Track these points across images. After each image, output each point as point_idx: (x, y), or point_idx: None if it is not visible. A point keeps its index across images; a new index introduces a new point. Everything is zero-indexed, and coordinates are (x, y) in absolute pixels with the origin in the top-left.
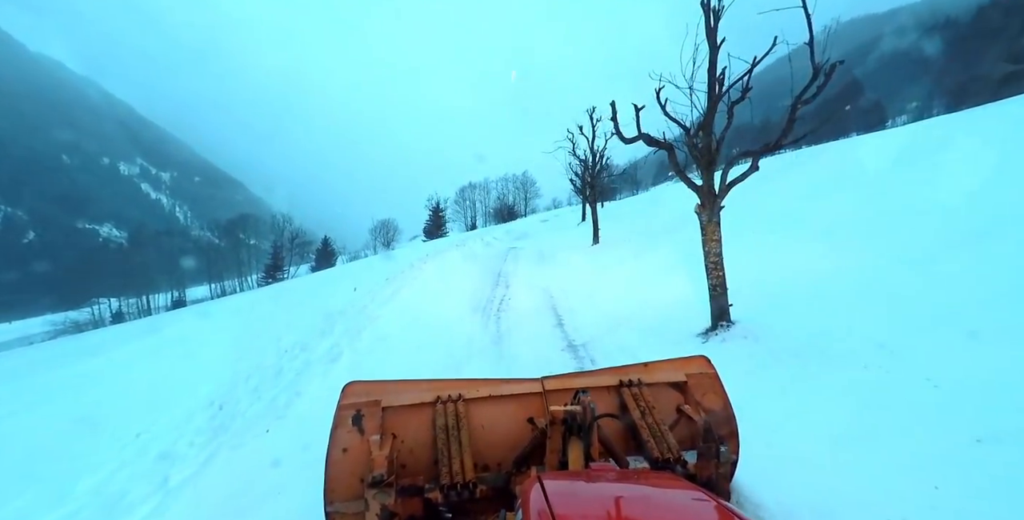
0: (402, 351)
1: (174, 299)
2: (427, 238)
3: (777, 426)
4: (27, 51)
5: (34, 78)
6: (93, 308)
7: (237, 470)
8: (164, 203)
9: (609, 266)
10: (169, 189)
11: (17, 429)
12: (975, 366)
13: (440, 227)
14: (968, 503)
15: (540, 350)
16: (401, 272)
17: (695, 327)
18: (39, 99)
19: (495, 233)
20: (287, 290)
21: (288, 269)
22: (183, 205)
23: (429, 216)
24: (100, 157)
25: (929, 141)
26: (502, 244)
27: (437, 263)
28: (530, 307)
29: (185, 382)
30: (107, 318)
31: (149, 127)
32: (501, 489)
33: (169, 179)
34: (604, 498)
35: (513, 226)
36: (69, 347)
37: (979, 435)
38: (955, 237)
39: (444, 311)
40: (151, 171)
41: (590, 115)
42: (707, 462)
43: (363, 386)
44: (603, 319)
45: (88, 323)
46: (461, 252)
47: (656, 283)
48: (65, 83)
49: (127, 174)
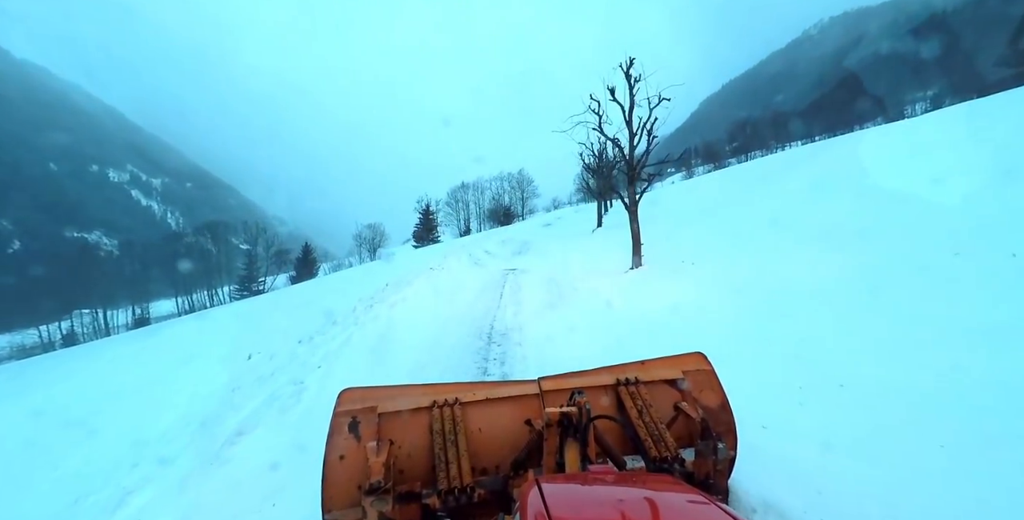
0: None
1: (136, 317)
2: (417, 244)
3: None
4: (11, 57)
5: (19, 85)
6: (40, 329)
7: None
8: (155, 210)
9: (694, 324)
10: (160, 195)
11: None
12: None
13: (431, 231)
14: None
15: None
16: (314, 336)
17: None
18: (25, 106)
19: (489, 242)
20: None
21: (264, 280)
22: (175, 211)
23: (419, 219)
24: (89, 164)
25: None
26: (497, 262)
27: (386, 310)
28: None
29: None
30: (57, 340)
31: (139, 133)
32: (499, 493)
33: (160, 185)
34: (601, 501)
35: (511, 232)
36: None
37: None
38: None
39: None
40: (141, 177)
41: (626, 72)
42: (705, 459)
43: (359, 392)
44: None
45: (36, 347)
46: (433, 282)
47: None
48: (52, 89)
49: (117, 181)
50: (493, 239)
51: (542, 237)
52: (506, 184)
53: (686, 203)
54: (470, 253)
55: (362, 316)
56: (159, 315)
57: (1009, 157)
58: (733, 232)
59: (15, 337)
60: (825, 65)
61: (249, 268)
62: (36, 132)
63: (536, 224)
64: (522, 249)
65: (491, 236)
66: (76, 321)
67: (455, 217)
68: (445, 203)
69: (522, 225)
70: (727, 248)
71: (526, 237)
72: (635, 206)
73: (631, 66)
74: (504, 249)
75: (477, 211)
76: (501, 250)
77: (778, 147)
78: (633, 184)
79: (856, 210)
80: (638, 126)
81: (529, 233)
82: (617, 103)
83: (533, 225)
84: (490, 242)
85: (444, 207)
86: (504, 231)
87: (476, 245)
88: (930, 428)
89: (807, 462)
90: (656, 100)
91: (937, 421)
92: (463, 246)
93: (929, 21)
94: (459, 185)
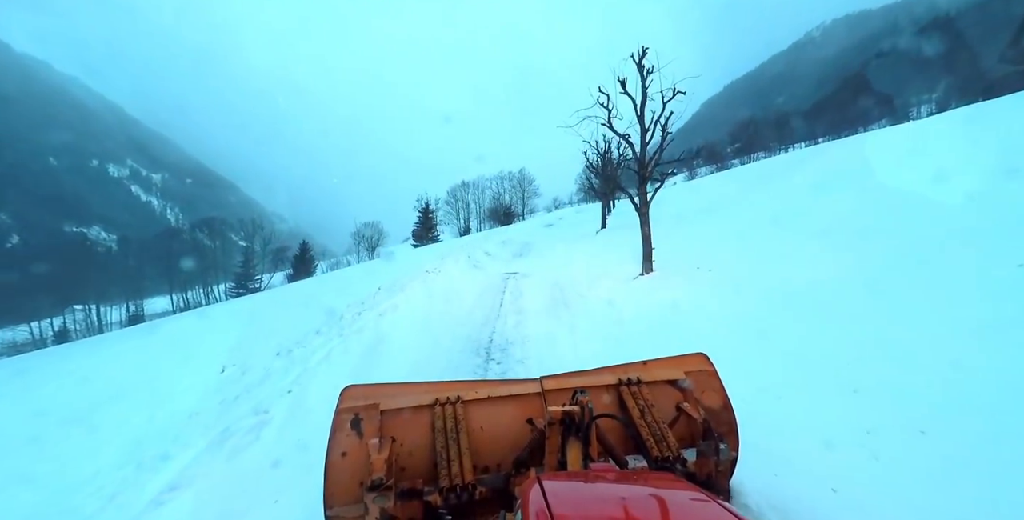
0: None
1: (130, 314)
2: (417, 243)
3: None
4: (12, 51)
5: (19, 79)
6: (32, 325)
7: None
8: (155, 205)
9: (701, 333)
10: (160, 191)
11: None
12: None
13: (431, 230)
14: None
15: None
16: (308, 337)
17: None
18: (25, 100)
19: (489, 243)
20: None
21: (261, 278)
22: (174, 207)
23: (418, 218)
24: (89, 159)
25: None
26: (496, 264)
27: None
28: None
29: None
30: (49, 337)
31: (140, 128)
32: (501, 490)
33: (160, 181)
34: (603, 498)
35: (511, 232)
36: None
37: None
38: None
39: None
40: (142, 173)
41: (638, 62)
42: (706, 460)
43: (361, 390)
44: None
45: (27, 343)
46: (428, 287)
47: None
48: (52, 84)
49: (117, 176)
50: (493, 240)
51: (544, 238)
52: (507, 183)
53: (691, 203)
54: (469, 255)
55: (348, 327)
56: (154, 312)
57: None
58: (743, 233)
59: (6, 333)
60: (827, 67)
61: (246, 266)
62: (36, 126)
63: (537, 224)
64: (523, 251)
65: (491, 237)
66: (69, 317)
67: (455, 216)
68: (445, 202)
69: (523, 225)
70: (741, 252)
71: (527, 238)
72: (646, 207)
73: (644, 56)
74: (504, 250)
75: (477, 210)
76: (501, 252)
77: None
78: (644, 184)
79: (891, 213)
80: (650, 121)
81: (530, 234)
82: (628, 96)
83: (534, 225)
84: (490, 243)
85: (444, 206)
86: (504, 231)
87: (476, 246)
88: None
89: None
90: (670, 93)
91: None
92: (462, 247)
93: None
94: (459, 184)
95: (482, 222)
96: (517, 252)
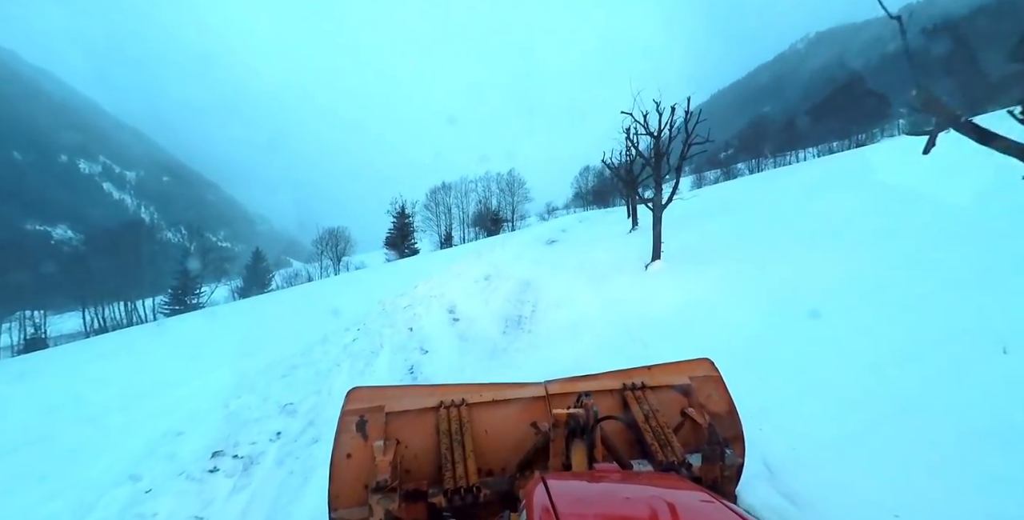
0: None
1: (28, 336)
2: (391, 252)
3: None
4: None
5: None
6: None
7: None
8: (128, 203)
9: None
10: (134, 189)
11: None
12: None
13: (406, 237)
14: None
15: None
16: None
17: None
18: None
19: (462, 281)
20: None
21: (202, 291)
22: (149, 205)
23: (393, 223)
24: (57, 154)
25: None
26: (471, 359)
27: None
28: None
29: None
30: None
31: (115, 124)
32: (505, 493)
33: (135, 178)
34: (608, 497)
35: (498, 253)
36: None
37: None
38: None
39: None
40: (115, 170)
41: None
42: (712, 465)
43: (366, 392)
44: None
45: None
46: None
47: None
48: (19, 74)
49: (88, 173)
50: (469, 274)
51: (549, 267)
52: (494, 186)
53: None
54: (441, 291)
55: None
56: (60, 334)
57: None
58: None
59: None
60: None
61: (183, 277)
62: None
63: (534, 238)
64: (520, 301)
65: (469, 264)
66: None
67: (434, 222)
68: (423, 206)
69: (513, 239)
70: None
71: (524, 269)
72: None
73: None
74: (486, 305)
75: (460, 216)
76: (480, 308)
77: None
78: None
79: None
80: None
81: (526, 256)
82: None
83: (529, 239)
84: (464, 280)
85: (422, 210)
86: (490, 250)
87: (438, 291)
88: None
89: None
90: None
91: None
92: (444, 256)
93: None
94: (439, 185)
95: (465, 230)
96: (511, 312)
